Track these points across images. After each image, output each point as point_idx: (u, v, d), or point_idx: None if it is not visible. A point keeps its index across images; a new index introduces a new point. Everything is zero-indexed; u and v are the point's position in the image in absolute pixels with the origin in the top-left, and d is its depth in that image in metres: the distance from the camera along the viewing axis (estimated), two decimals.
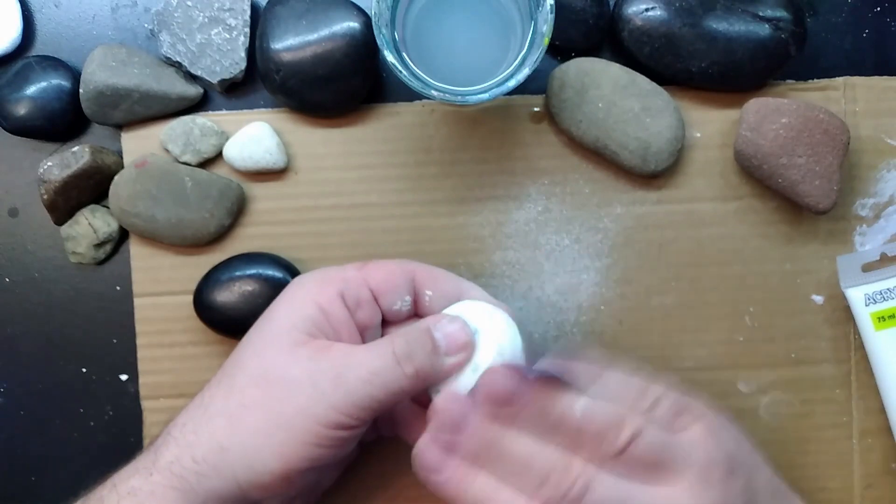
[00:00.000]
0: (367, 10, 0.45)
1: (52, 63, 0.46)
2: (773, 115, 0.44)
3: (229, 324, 0.44)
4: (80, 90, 0.45)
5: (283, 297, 0.39)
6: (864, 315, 0.46)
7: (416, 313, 0.41)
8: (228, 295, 0.44)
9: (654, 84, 0.45)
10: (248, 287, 0.44)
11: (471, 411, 0.35)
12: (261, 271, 0.44)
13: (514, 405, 0.34)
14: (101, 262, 0.47)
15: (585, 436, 0.33)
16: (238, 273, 0.44)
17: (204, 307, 0.44)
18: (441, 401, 0.35)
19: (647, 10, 0.45)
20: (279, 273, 0.44)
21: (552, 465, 0.33)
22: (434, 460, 0.35)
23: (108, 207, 0.46)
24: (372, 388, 0.34)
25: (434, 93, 0.39)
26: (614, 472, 0.33)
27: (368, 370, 0.35)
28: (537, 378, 0.35)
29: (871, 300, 0.45)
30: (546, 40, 0.39)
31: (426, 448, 0.35)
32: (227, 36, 0.45)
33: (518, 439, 0.34)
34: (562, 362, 0.36)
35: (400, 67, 0.39)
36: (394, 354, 0.35)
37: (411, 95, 0.47)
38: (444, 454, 0.35)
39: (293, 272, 0.45)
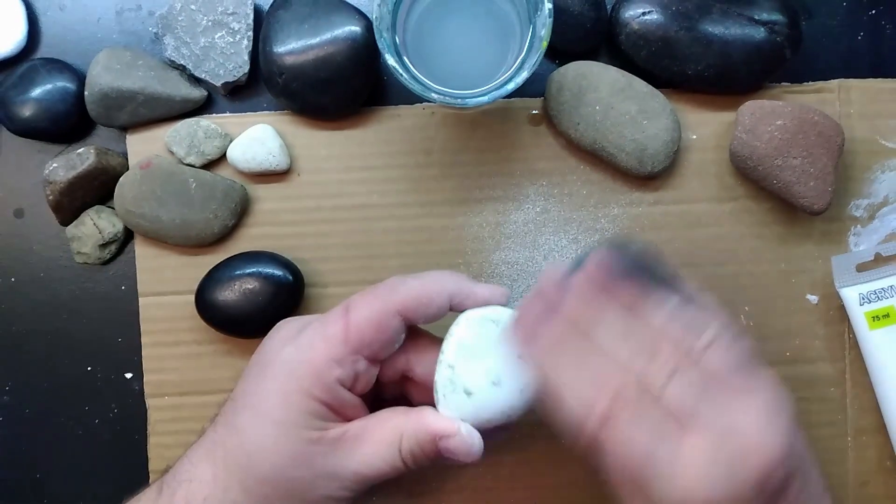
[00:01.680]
0: (368, 15, 0.45)
1: (58, 65, 0.46)
2: (769, 117, 0.44)
3: (230, 322, 0.45)
4: (86, 92, 0.45)
5: (273, 382, 0.37)
6: (858, 314, 0.46)
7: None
8: (229, 294, 0.44)
9: (650, 87, 0.46)
10: (249, 285, 0.44)
11: (569, 292, 0.35)
12: (261, 269, 0.45)
13: (611, 293, 0.35)
14: (106, 263, 0.48)
15: (668, 336, 0.34)
16: (238, 272, 0.45)
17: (205, 306, 0.45)
18: (545, 279, 0.36)
19: (643, 14, 0.45)
20: (279, 271, 0.45)
21: (637, 354, 0.34)
22: (531, 328, 0.36)
23: (113, 208, 0.47)
24: (373, 478, 0.38)
25: (434, 95, 0.40)
26: (692, 376, 0.33)
27: (372, 469, 0.37)
28: (630, 273, 0.36)
29: (866, 300, 0.46)
30: (544, 44, 0.39)
31: (526, 315, 0.36)
32: (231, 39, 0.46)
33: (608, 325, 0.35)
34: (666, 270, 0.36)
35: (401, 71, 0.39)
36: (399, 454, 0.37)
37: (412, 98, 0.47)
38: (540, 326, 0.36)
39: (293, 270, 0.45)
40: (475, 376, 0.37)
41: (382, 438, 0.37)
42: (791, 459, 0.34)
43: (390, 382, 0.40)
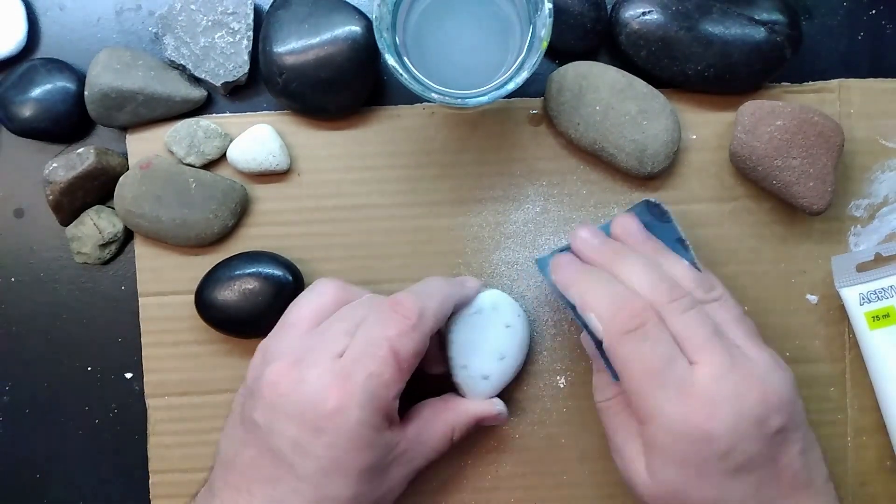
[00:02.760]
0: (368, 14, 0.45)
1: (58, 65, 0.46)
2: (768, 117, 0.44)
3: (230, 322, 0.45)
4: (86, 92, 0.45)
5: (346, 440, 0.37)
6: (858, 314, 0.46)
7: None
8: (229, 293, 0.44)
9: (650, 87, 0.46)
10: (249, 285, 0.44)
11: (597, 240, 0.42)
12: (261, 270, 0.45)
13: (635, 244, 0.41)
14: (106, 263, 0.48)
15: (683, 282, 0.39)
16: (238, 272, 0.45)
17: (205, 306, 0.45)
18: (575, 234, 0.42)
19: (643, 13, 0.45)
20: (279, 271, 0.45)
21: (655, 288, 0.38)
22: (564, 264, 0.41)
23: (113, 208, 0.47)
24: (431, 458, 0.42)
25: (434, 96, 0.40)
26: (703, 316, 0.38)
27: (429, 461, 0.42)
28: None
29: (866, 300, 0.46)
30: (544, 44, 0.39)
31: (561, 258, 0.42)
32: (231, 39, 0.46)
33: (632, 264, 0.40)
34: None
35: (401, 71, 0.39)
36: (451, 442, 0.42)
37: (412, 98, 0.47)
38: (572, 264, 0.41)
39: (293, 270, 0.45)
40: (485, 363, 0.44)
41: (438, 436, 0.42)
42: (791, 412, 0.36)
43: None
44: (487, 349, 0.44)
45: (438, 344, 0.44)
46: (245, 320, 0.45)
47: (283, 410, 0.37)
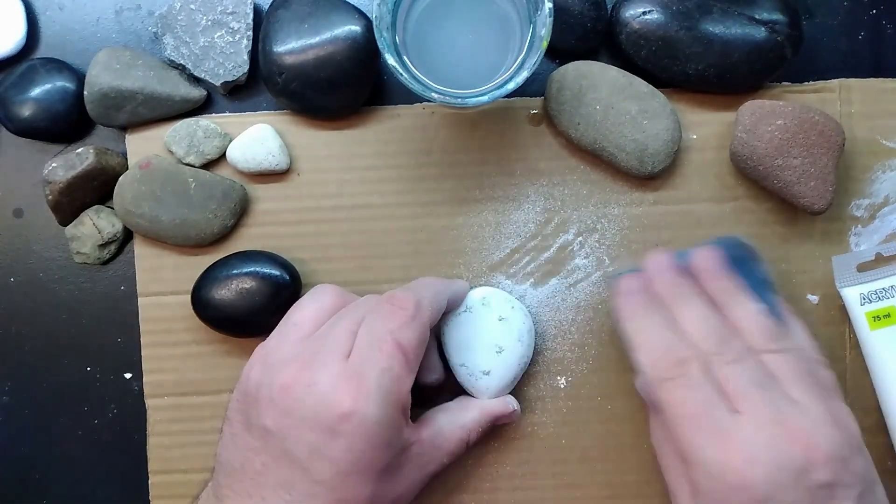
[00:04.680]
0: (368, 14, 0.45)
1: (57, 65, 0.46)
2: (769, 116, 0.44)
3: (227, 321, 0.45)
4: (85, 92, 0.45)
5: (368, 441, 0.37)
6: (859, 315, 0.46)
7: None
8: (226, 293, 0.44)
9: (651, 87, 0.46)
10: (246, 285, 0.44)
11: (667, 273, 0.42)
12: (258, 269, 0.45)
13: (704, 282, 0.41)
14: (106, 263, 0.48)
15: (741, 331, 0.39)
16: (235, 271, 0.45)
17: (201, 305, 0.45)
18: (649, 261, 0.43)
19: (644, 13, 0.45)
20: (276, 271, 0.45)
21: (707, 337, 0.39)
22: (627, 294, 0.42)
23: (112, 208, 0.47)
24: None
25: (434, 95, 0.40)
26: (753, 368, 0.38)
27: (448, 455, 0.42)
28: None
29: (867, 300, 0.46)
30: (544, 43, 0.39)
31: (626, 285, 0.42)
32: (230, 39, 0.46)
33: (692, 306, 0.40)
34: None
35: (401, 70, 0.39)
36: (467, 445, 0.43)
37: (412, 98, 0.47)
38: (634, 295, 0.42)
39: (290, 270, 0.45)
40: (483, 358, 0.44)
41: (454, 440, 0.42)
42: (842, 468, 0.35)
43: None
44: (482, 344, 0.44)
45: (429, 352, 0.44)
46: (242, 319, 0.44)
47: (297, 415, 0.37)
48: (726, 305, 0.40)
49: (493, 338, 0.44)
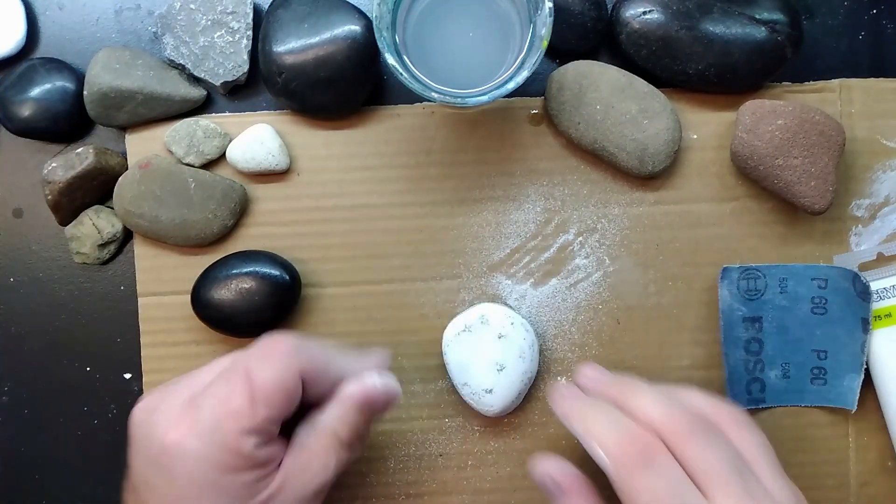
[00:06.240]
0: (368, 14, 0.45)
1: (56, 65, 0.46)
2: (770, 116, 0.44)
3: (227, 321, 0.45)
4: (85, 92, 0.45)
5: (187, 480, 0.33)
6: None
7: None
8: (226, 293, 0.44)
9: (651, 86, 0.46)
10: (246, 285, 0.44)
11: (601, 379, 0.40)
12: (258, 269, 0.44)
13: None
14: (105, 263, 0.48)
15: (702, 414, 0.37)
16: (235, 271, 0.44)
17: (201, 305, 0.45)
18: (586, 368, 0.42)
19: (644, 13, 0.45)
20: (276, 271, 0.45)
21: (674, 407, 0.37)
22: (570, 391, 0.40)
23: (112, 208, 0.47)
24: (326, 487, 0.37)
25: (434, 95, 0.40)
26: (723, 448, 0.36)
27: (320, 484, 0.36)
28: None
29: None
30: (545, 43, 0.39)
31: (564, 384, 0.42)
32: (230, 39, 0.46)
33: (644, 392, 0.38)
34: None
35: (401, 70, 0.39)
36: (344, 445, 0.37)
37: (412, 97, 0.47)
38: (578, 393, 0.40)
39: (290, 270, 0.45)
40: (484, 377, 0.44)
41: (322, 448, 0.36)
42: None
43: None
44: (482, 363, 0.44)
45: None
46: (242, 319, 0.44)
47: (134, 444, 0.35)
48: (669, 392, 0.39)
49: (493, 356, 0.44)
